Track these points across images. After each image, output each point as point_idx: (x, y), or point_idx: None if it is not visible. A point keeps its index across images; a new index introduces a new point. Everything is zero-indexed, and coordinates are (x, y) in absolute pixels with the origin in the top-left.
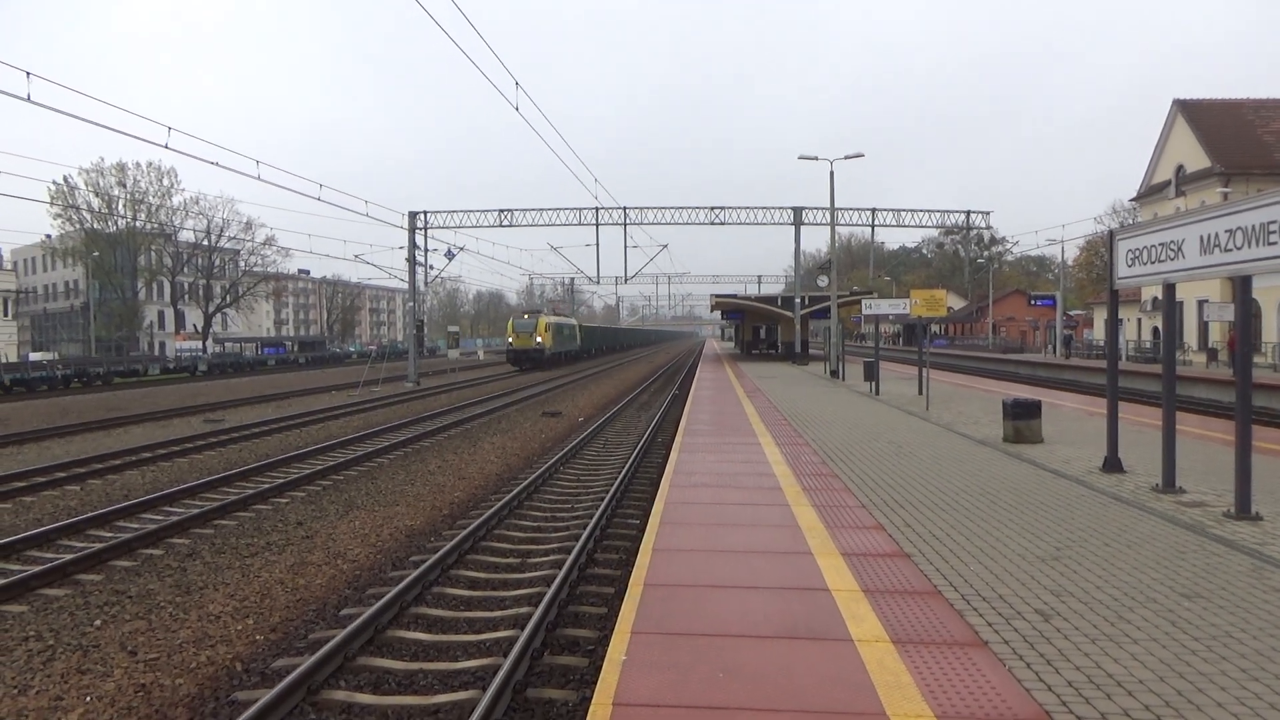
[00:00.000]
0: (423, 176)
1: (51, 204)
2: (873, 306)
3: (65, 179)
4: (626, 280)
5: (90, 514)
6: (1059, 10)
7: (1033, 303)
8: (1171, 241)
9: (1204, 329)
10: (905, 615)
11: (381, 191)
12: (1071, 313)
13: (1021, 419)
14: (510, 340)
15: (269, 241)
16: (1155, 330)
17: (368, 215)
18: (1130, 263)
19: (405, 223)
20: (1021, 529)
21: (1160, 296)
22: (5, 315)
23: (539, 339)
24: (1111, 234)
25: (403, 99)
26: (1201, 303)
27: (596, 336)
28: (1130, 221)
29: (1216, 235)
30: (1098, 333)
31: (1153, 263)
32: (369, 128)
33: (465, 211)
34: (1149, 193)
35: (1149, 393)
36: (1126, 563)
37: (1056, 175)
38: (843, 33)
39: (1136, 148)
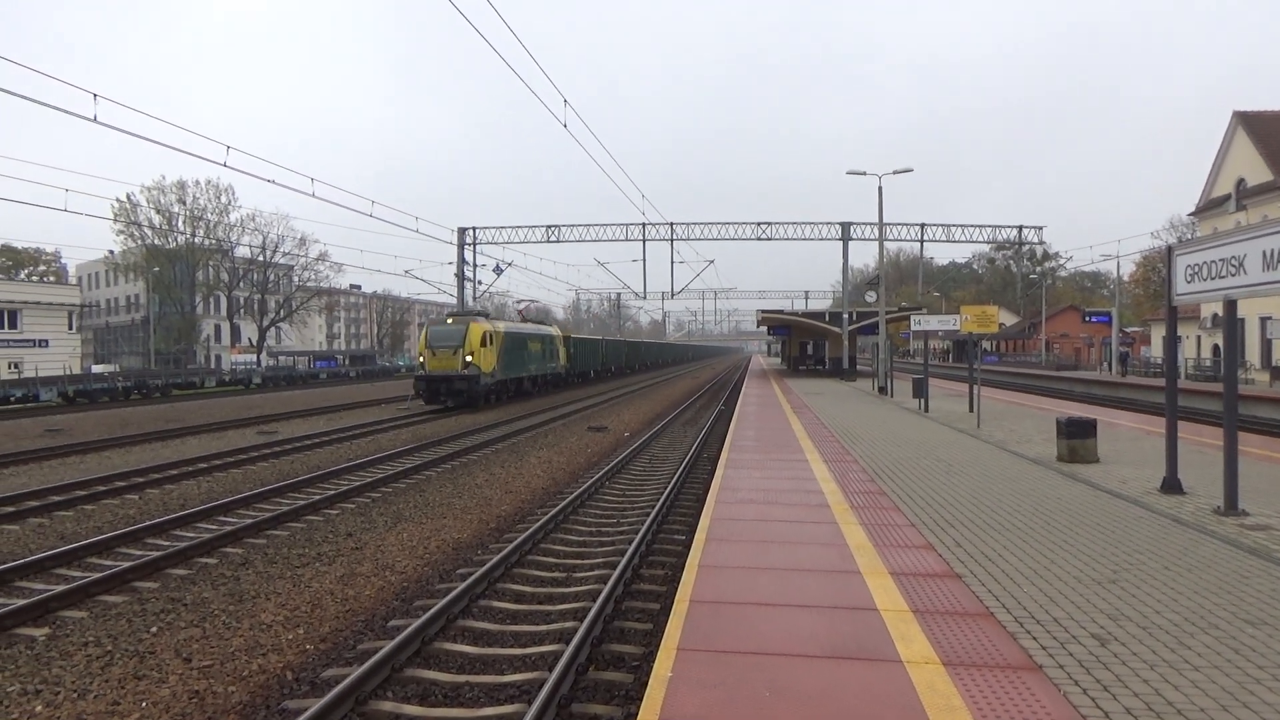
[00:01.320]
0: (472, 193)
1: (115, 221)
2: (922, 322)
3: (128, 196)
4: (673, 296)
5: (148, 522)
6: (1118, 24)
7: (1087, 319)
8: (1233, 257)
9: (1267, 346)
10: (956, 637)
11: (432, 208)
12: (1127, 329)
13: (1076, 438)
14: (422, 360)
15: (322, 257)
16: (1215, 348)
17: (418, 231)
18: (1189, 278)
19: (454, 238)
20: (1076, 551)
21: (1220, 313)
22: (70, 329)
23: (469, 358)
24: (1170, 249)
25: (453, 117)
26: (1264, 320)
27: (597, 353)
28: (1189, 236)
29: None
30: (1155, 350)
31: (1213, 278)
32: (424, 146)
33: (513, 227)
34: (1208, 206)
35: (1209, 412)
36: (1187, 587)
37: (1112, 189)
38: (897, 48)
39: (1195, 161)
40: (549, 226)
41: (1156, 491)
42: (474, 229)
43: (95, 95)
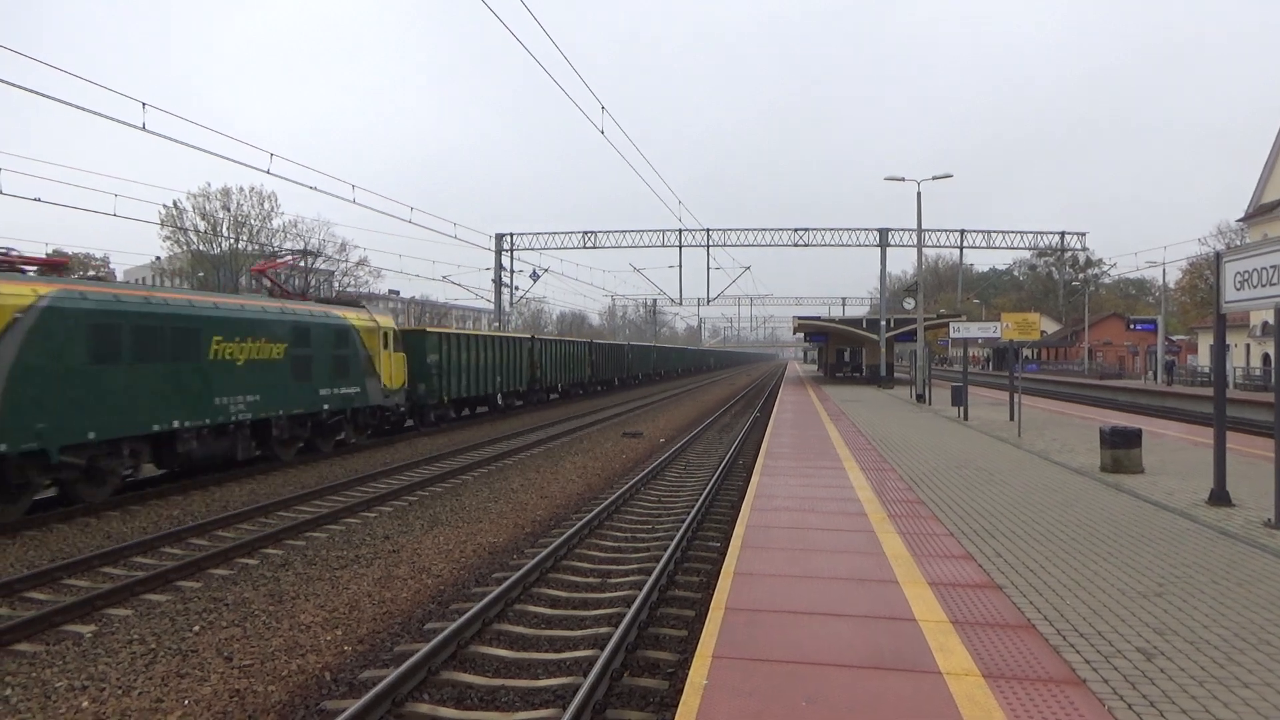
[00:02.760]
0: (510, 199)
1: (162, 226)
2: (961, 329)
3: (175, 203)
4: (709, 302)
5: (191, 524)
6: (1160, 32)
7: (1132, 327)
8: None
9: None
10: (997, 649)
11: (470, 213)
12: (1173, 337)
13: (1120, 448)
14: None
15: (362, 262)
16: (1266, 356)
17: (455, 237)
18: (1239, 285)
19: (492, 244)
20: (1121, 563)
21: (1271, 321)
22: None
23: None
24: (1219, 255)
25: (493, 123)
26: None
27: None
28: (1237, 243)
29: None
30: (1202, 358)
31: (1263, 285)
32: (459, 151)
33: (550, 233)
34: (1258, 212)
35: (1259, 422)
36: (1236, 601)
37: (1157, 195)
38: (939, 56)
39: (1244, 165)
40: (585, 232)
41: (1204, 503)
42: (511, 235)
43: (144, 104)
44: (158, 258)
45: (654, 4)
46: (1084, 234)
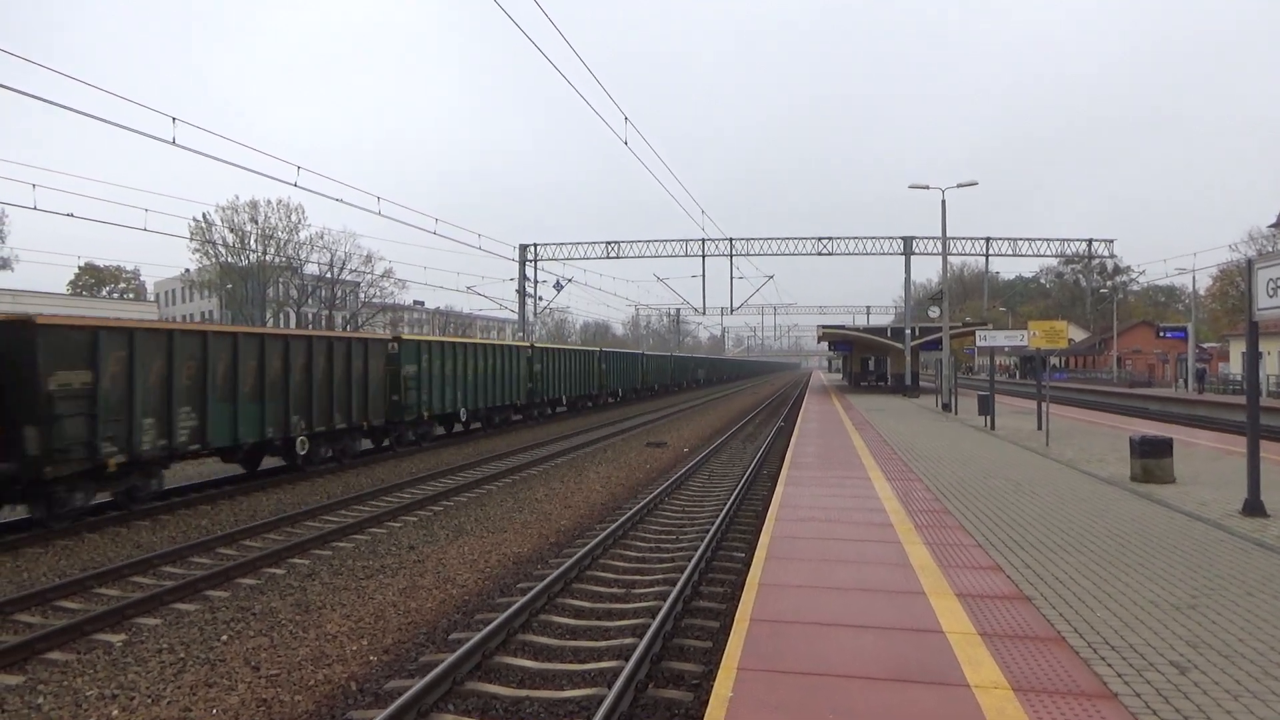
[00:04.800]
0: (534, 209)
1: (191, 239)
2: (987, 338)
3: (204, 215)
4: (732, 311)
5: (219, 534)
6: (1190, 36)
7: (1161, 335)
8: None
9: None
10: (1026, 662)
11: (493, 224)
12: (1204, 345)
13: (1151, 457)
14: None
15: (387, 274)
16: None
17: (480, 248)
18: (1271, 292)
19: (515, 255)
20: (1153, 574)
21: None
22: None
23: None
24: (1250, 262)
25: (518, 134)
26: None
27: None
28: (1269, 249)
29: None
30: (1234, 366)
31: None
32: (484, 162)
33: (573, 244)
34: None
35: None
36: (1272, 614)
37: (1186, 201)
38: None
39: (1275, 171)
40: (609, 243)
41: (1237, 514)
42: (535, 245)
43: (174, 119)
44: (187, 270)
45: (675, 8)
46: (1112, 241)
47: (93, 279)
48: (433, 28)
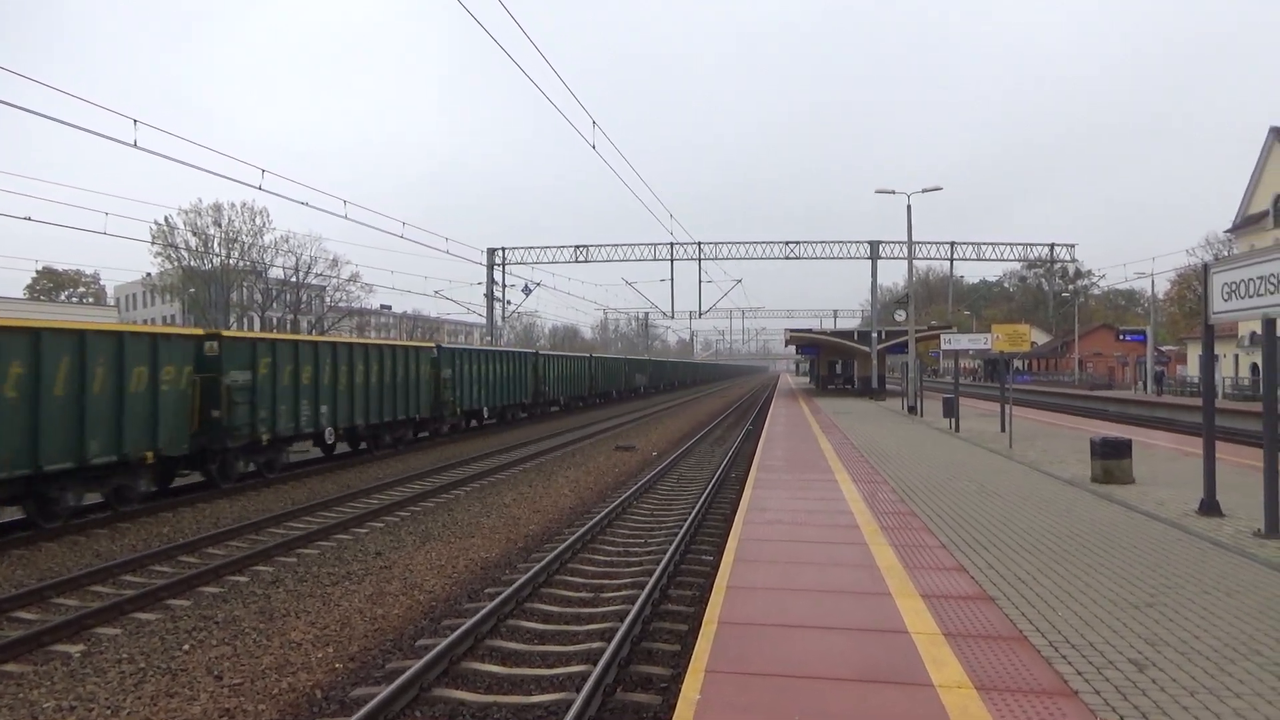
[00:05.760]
0: (503, 213)
1: (153, 243)
2: (952, 341)
3: (166, 219)
4: (700, 315)
5: (181, 541)
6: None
7: (1121, 338)
8: (1271, 274)
9: None
10: (989, 661)
11: (462, 228)
12: (1163, 348)
13: (1111, 458)
14: None
15: (354, 278)
16: (1254, 366)
17: (448, 252)
18: (1227, 296)
19: (484, 259)
20: (1112, 574)
21: (1259, 331)
22: None
23: None
24: (1206, 267)
25: (486, 137)
26: None
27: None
28: (1225, 253)
29: None
30: (1191, 369)
31: (1251, 296)
32: (451, 165)
33: (542, 248)
34: (1245, 223)
35: (1248, 432)
36: (1227, 611)
37: (1145, 206)
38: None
39: (1231, 177)
40: (577, 246)
41: (1194, 513)
42: (503, 249)
43: (136, 121)
44: (149, 274)
45: (643, 16)
46: (1073, 246)
47: (51, 283)
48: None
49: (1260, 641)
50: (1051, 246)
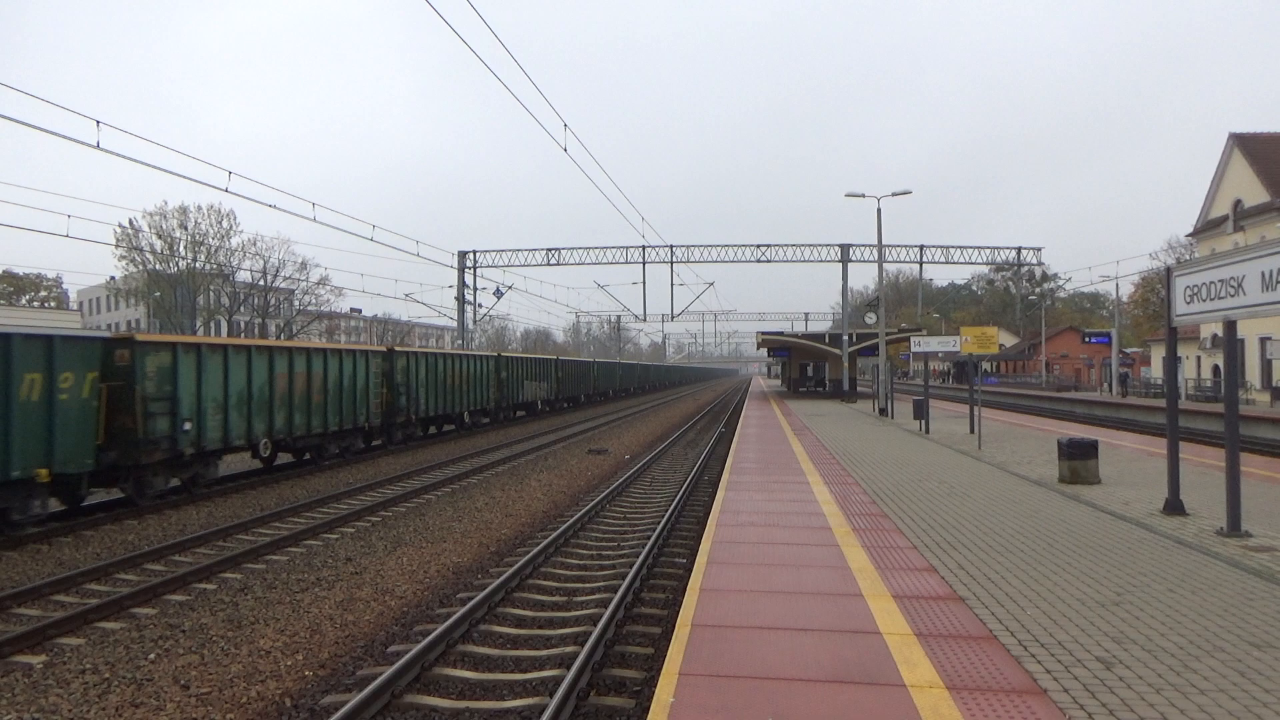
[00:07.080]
0: (473, 215)
1: (116, 246)
2: (922, 344)
3: (130, 222)
4: (673, 318)
5: (147, 549)
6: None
7: (1087, 340)
8: (1231, 278)
9: (1267, 366)
10: (960, 661)
11: (432, 230)
12: (1127, 350)
13: (1078, 459)
14: None
15: (323, 281)
16: (1215, 368)
17: (418, 255)
18: (1189, 299)
19: (455, 262)
20: (1080, 573)
21: (1220, 334)
22: None
23: None
24: (1169, 270)
25: (456, 139)
26: (1264, 340)
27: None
28: (1187, 257)
29: (1278, 272)
30: (1155, 370)
31: (1212, 299)
32: (422, 166)
33: (513, 250)
34: (1206, 228)
35: (1211, 433)
36: (1191, 609)
37: (1110, 210)
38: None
39: (1193, 182)
40: (549, 249)
41: (1159, 513)
42: (474, 252)
43: (98, 122)
44: (113, 277)
45: (616, 19)
46: (1039, 249)
47: (11, 287)
48: (375, 32)
49: (1223, 639)
50: (1019, 250)
